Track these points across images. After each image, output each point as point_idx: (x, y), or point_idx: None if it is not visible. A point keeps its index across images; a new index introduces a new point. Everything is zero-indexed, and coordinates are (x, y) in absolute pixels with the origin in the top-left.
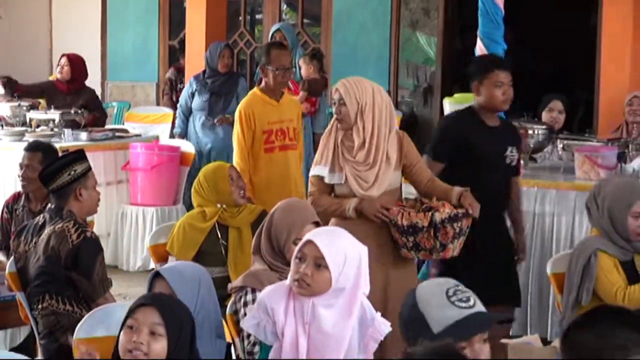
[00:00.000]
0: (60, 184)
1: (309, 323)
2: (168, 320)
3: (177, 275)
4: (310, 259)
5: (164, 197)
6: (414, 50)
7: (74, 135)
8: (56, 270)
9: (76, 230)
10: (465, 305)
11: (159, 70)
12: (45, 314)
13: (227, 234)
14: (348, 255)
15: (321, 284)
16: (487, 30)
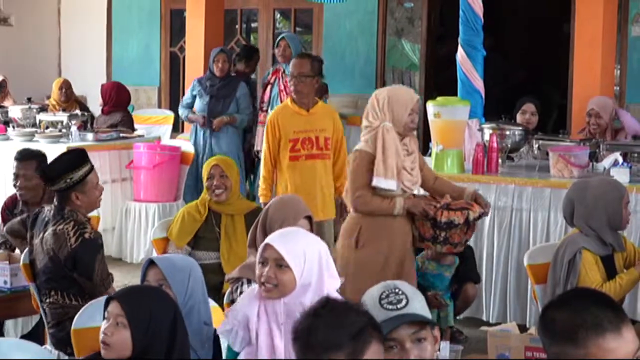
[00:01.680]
0: (58, 189)
1: (284, 323)
2: (129, 311)
3: (169, 264)
4: (272, 261)
5: (165, 193)
6: (399, 56)
7: (80, 136)
8: (59, 271)
9: (75, 232)
10: (392, 307)
11: (160, 75)
12: (53, 307)
13: (220, 221)
14: (307, 251)
15: (286, 283)
16: (468, 37)
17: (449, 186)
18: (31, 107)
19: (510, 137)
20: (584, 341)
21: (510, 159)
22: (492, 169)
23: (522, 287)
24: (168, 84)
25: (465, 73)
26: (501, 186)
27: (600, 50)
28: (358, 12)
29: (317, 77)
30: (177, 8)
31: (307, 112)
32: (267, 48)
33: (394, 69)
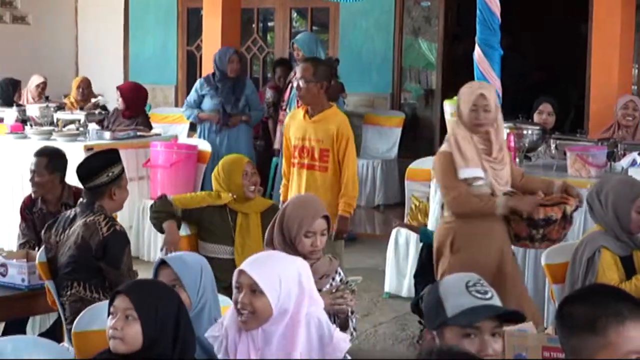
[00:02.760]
0: (98, 184)
1: (261, 349)
2: (138, 304)
3: (181, 263)
4: (246, 287)
5: (182, 192)
6: (415, 55)
7: (98, 135)
8: (86, 259)
9: (106, 223)
10: (480, 296)
11: (177, 74)
12: (73, 300)
13: (235, 218)
14: (282, 275)
15: (262, 310)
16: (485, 37)
17: (537, 181)
18: (49, 106)
19: (528, 137)
20: (604, 330)
21: (527, 158)
22: None
23: (540, 287)
24: (185, 83)
25: (482, 72)
26: None
27: (618, 50)
28: (375, 11)
29: (322, 82)
30: (193, 7)
31: (310, 120)
32: (283, 47)
33: (410, 68)
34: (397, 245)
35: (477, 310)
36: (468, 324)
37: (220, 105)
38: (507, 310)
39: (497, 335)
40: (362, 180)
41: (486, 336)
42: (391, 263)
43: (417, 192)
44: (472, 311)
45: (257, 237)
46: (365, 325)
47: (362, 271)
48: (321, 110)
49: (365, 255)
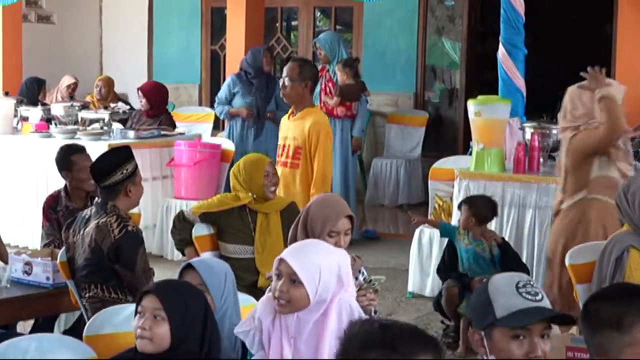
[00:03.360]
0: (113, 182)
1: (294, 336)
2: (168, 304)
3: (207, 268)
4: (285, 276)
5: (205, 191)
6: (439, 54)
7: (122, 134)
8: (100, 263)
9: (118, 225)
10: (531, 298)
11: (201, 73)
12: (93, 301)
13: (255, 218)
14: (323, 267)
15: (298, 299)
16: (509, 36)
17: None
18: (73, 105)
19: (552, 137)
20: (630, 327)
21: (551, 158)
22: (534, 168)
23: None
24: (209, 82)
25: (506, 72)
26: (542, 185)
27: None
28: (398, 10)
29: (307, 81)
30: (217, 6)
31: (292, 119)
32: (307, 46)
33: (434, 67)
34: (421, 244)
35: (528, 312)
36: (518, 326)
37: (254, 102)
38: (558, 314)
39: (546, 336)
40: (385, 179)
41: (535, 338)
42: (414, 262)
43: (440, 191)
44: (523, 313)
45: (278, 236)
46: None
47: (386, 271)
48: (303, 109)
49: (389, 255)
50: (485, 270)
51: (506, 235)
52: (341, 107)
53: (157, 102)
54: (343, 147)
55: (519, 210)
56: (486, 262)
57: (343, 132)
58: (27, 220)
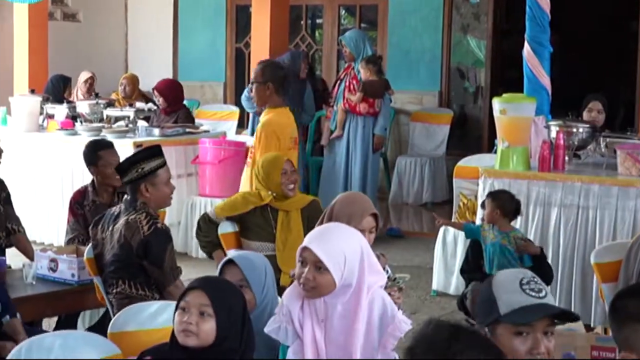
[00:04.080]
0: (129, 179)
1: (324, 320)
2: (215, 301)
3: (248, 263)
4: (310, 264)
5: (230, 188)
6: (464, 52)
7: (147, 131)
8: (129, 259)
9: (147, 221)
10: (535, 294)
11: (226, 71)
12: (120, 297)
13: (276, 216)
14: (347, 252)
15: (325, 285)
16: (534, 34)
17: None
18: (99, 102)
19: (577, 135)
20: None
21: (577, 156)
22: (559, 166)
23: (588, 286)
24: (233, 80)
25: (531, 69)
26: (567, 184)
27: None
28: (423, 8)
29: (268, 83)
30: (242, 4)
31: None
32: (332, 44)
33: (459, 65)
34: (445, 242)
35: (531, 309)
36: (521, 323)
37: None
38: (561, 310)
39: (549, 334)
40: (409, 177)
41: (539, 335)
42: (439, 261)
43: (465, 189)
44: (526, 310)
45: (298, 233)
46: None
47: (410, 269)
48: (266, 110)
49: (413, 253)
50: (512, 263)
51: (531, 234)
52: (364, 104)
53: (173, 99)
54: (364, 144)
55: (544, 209)
56: (512, 255)
57: (365, 130)
58: (52, 217)
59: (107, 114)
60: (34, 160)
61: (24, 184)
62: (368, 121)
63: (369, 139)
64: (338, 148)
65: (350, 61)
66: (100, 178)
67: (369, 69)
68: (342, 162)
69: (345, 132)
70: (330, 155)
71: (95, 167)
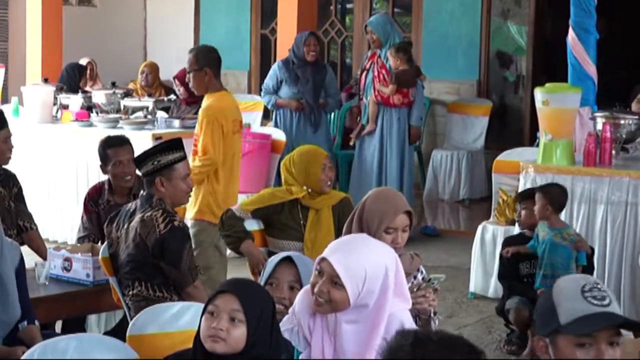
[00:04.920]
0: (145, 172)
1: (333, 335)
2: (247, 306)
3: (305, 265)
4: (327, 276)
5: (254, 184)
6: (504, 39)
7: (166, 123)
8: (144, 258)
9: (164, 219)
10: (597, 302)
11: (250, 59)
12: (137, 300)
13: (307, 214)
14: (369, 270)
15: (338, 302)
16: (579, 19)
17: None
18: (115, 92)
19: (625, 127)
20: None
21: (624, 150)
22: (605, 160)
23: (638, 286)
24: (258, 68)
25: (576, 57)
26: (615, 179)
27: None
28: None
29: (205, 68)
30: None
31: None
32: (363, 31)
33: (499, 53)
34: (484, 242)
35: (594, 318)
36: (582, 333)
37: (299, 95)
38: (626, 320)
39: (615, 344)
40: (446, 172)
41: (603, 345)
42: (477, 261)
43: (505, 185)
44: (588, 319)
45: (329, 231)
46: (448, 327)
47: (446, 269)
48: (204, 96)
49: (449, 253)
50: (566, 260)
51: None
52: (397, 95)
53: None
54: (400, 137)
55: (590, 206)
56: (567, 253)
57: (400, 122)
58: (66, 213)
59: (125, 105)
60: (47, 154)
61: (36, 179)
62: (403, 112)
63: (405, 131)
64: (370, 142)
65: (377, 48)
66: (110, 177)
67: (399, 58)
68: (375, 157)
69: (378, 126)
70: (362, 150)
71: (105, 167)
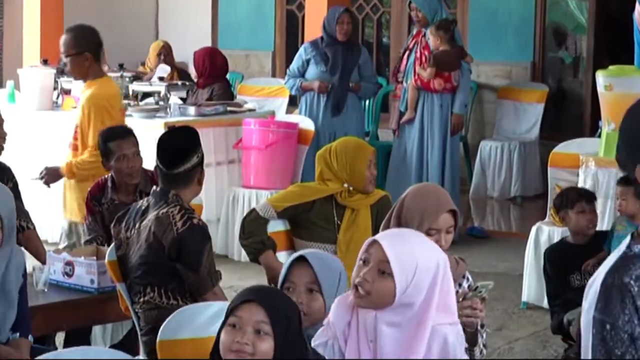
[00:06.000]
0: (189, 167)
1: (373, 340)
2: (274, 317)
3: (323, 264)
4: (374, 263)
5: (279, 179)
6: (562, 15)
7: (181, 110)
8: (159, 260)
9: (182, 216)
10: None
11: (275, 38)
12: (148, 308)
13: (342, 214)
14: (420, 262)
15: (382, 293)
16: None
17: None
18: (123, 76)
19: None
20: None
21: None
22: None
23: None
24: (284, 49)
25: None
26: None
27: None
28: None
29: (86, 52)
30: None
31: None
32: (401, 6)
33: (555, 31)
34: (538, 245)
35: None
36: None
37: (328, 76)
38: None
39: None
40: (495, 166)
41: None
42: (530, 267)
43: (562, 180)
44: None
45: (366, 233)
46: (497, 341)
47: (495, 276)
48: (87, 83)
49: (499, 258)
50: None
51: None
52: (438, 79)
53: (205, 70)
54: (442, 126)
55: None
56: None
57: (442, 109)
58: None
59: (134, 89)
60: (46, 144)
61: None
62: (445, 99)
63: (448, 120)
64: (409, 132)
65: (423, 27)
66: (114, 174)
67: (439, 37)
68: (414, 149)
69: (418, 114)
70: (400, 141)
71: (107, 162)
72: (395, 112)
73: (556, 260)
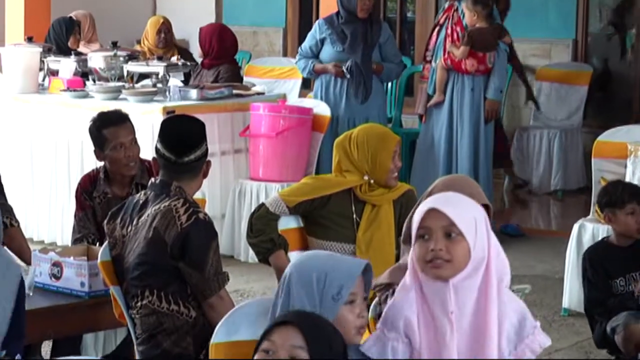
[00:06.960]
0: (197, 157)
1: (454, 311)
2: (312, 342)
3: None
4: (439, 231)
5: (291, 170)
6: None
7: (181, 93)
8: (160, 260)
9: (186, 210)
10: None
11: (286, 13)
12: (145, 313)
13: (362, 210)
14: (477, 218)
15: (460, 255)
16: None
17: None
18: (117, 55)
19: None
20: None
21: None
22: None
23: None
24: (296, 26)
25: None
26: None
27: None
28: None
29: None
30: None
31: None
32: None
33: (601, 6)
34: (581, 245)
35: None
36: None
37: (344, 57)
38: None
39: None
40: (532, 156)
41: None
42: (572, 269)
43: (608, 172)
44: None
45: (388, 231)
46: None
47: (532, 279)
48: None
49: (537, 259)
50: None
51: None
52: (471, 60)
53: (211, 49)
54: (474, 112)
55: None
56: None
57: (474, 93)
58: (55, 208)
59: (129, 70)
60: (31, 131)
61: (18, 163)
62: (478, 82)
63: (480, 105)
64: (437, 118)
65: (454, 0)
66: (109, 165)
67: (476, 12)
68: (442, 136)
69: (447, 97)
70: (428, 127)
71: (101, 152)
72: (423, 95)
73: (599, 264)
